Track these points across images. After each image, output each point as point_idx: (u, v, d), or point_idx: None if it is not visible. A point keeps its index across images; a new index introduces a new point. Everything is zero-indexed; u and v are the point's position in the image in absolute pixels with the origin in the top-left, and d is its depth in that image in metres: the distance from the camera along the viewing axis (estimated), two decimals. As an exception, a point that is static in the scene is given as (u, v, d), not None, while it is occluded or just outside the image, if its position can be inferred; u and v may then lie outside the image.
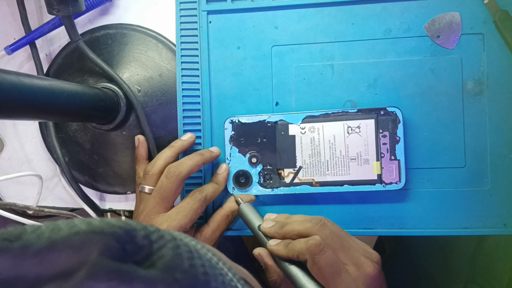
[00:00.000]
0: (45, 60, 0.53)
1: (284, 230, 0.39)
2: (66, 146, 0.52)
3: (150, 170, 0.44)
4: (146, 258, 0.17)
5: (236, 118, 0.46)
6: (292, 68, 0.47)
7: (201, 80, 0.48)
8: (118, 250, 0.17)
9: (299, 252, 0.36)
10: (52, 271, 0.16)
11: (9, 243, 0.17)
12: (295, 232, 0.38)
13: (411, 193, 0.46)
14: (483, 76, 0.45)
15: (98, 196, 0.54)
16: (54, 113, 0.39)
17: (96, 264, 0.16)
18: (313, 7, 0.47)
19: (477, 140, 0.45)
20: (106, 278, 0.15)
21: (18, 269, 0.16)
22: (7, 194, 0.55)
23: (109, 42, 0.50)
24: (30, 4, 0.52)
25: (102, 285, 0.15)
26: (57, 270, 0.16)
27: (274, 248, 0.38)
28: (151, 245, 0.18)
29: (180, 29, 0.48)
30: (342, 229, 0.39)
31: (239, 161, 0.46)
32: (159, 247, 0.18)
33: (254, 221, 0.43)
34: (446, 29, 0.45)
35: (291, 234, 0.38)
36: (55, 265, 0.16)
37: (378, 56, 0.46)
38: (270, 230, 0.40)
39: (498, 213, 0.45)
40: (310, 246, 0.35)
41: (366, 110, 0.44)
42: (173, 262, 0.17)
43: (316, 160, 0.45)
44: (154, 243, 0.18)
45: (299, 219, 0.40)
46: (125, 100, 0.47)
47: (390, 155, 0.44)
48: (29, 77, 0.34)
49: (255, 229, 0.42)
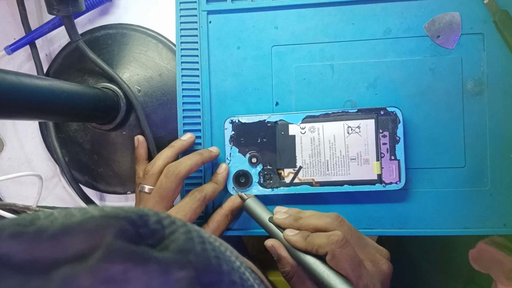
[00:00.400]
0: (45, 60, 0.53)
1: (300, 223, 0.39)
2: (66, 146, 0.52)
3: (150, 170, 0.44)
4: (159, 241, 0.18)
5: (236, 118, 0.46)
6: (292, 68, 0.47)
7: (201, 80, 0.48)
8: (133, 234, 0.17)
9: (319, 245, 0.36)
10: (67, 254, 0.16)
11: (23, 227, 0.17)
12: (312, 226, 0.38)
13: (411, 193, 0.46)
14: (483, 76, 0.45)
15: (98, 196, 0.54)
16: (54, 113, 0.39)
17: (111, 246, 0.16)
18: (313, 7, 0.47)
19: (477, 140, 0.45)
20: (121, 260, 0.15)
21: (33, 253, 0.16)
22: (7, 194, 0.55)
23: (109, 42, 0.50)
24: (30, 4, 0.52)
25: (118, 266, 0.15)
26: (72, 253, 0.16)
27: (292, 238, 0.38)
28: (163, 229, 0.18)
29: (180, 29, 0.48)
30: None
31: (239, 161, 0.46)
32: (171, 232, 0.18)
33: (263, 214, 0.42)
34: (446, 29, 0.45)
35: (307, 227, 0.38)
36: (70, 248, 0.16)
37: (378, 56, 0.46)
38: (285, 221, 0.40)
39: (498, 213, 0.45)
40: (332, 241, 0.35)
41: (366, 110, 0.44)
42: (185, 245, 0.17)
43: (316, 160, 0.45)
44: (166, 228, 0.18)
45: (314, 214, 0.39)
46: (125, 100, 0.47)
47: (390, 155, 0.44)
48: (29, 77, 0.34)
49: (265, 222, 0.41)
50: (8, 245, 0.16)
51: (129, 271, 0.15)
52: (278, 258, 0.39)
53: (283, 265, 0.39)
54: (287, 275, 0.38)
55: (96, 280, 0.15)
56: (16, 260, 0.16)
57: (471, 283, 0.54)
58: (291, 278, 0.38)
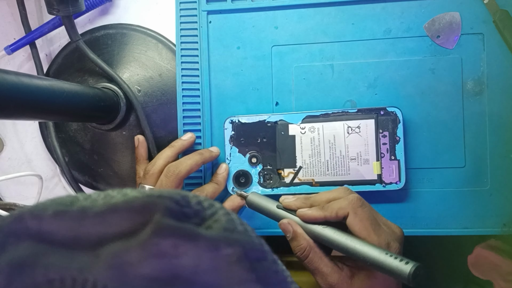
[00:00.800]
0: (45, 60, 0.53)
1: (311, 201, 0.39)
2: (66, 146, 0.52)
3: (150, 170, 0.44)
4: (203, 221, 0.18)
5: (236, 118, 0.46)
6: (292, 68, 0.47)
7: (201, 80, 0.48)
8: (179, 212, 0.17)
9: (339, 208, 0.37)
10: (115, 230, 0.16)
11: (65, 207, 0.17)
12: (325, 199, 0.38)
13: (411, 193, 0.46)
14: (483, 76, 0.45)
15: (98, 196, 0.54)
16: (54, 113, 0.39)
17: (161, 223, 0.16)
18: (313, 7, 0.47)
19: (477, 140, 0.45)
20: (172, 236, 0.16)
21: (78, 230, 0.16)
22: (7, 194, 0.55)
23: (109, 42, 0.50)
24: (30, 4, 0.52)
25: (168, 241, 0.15)
26: (121, 229, 0.16)
27: (308, 212, 0.38)
28: (205, 210, 0.19)
29: (180, 29, 0.48)
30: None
31: (239, 161, 0.46)
32: (212, 213, 0.19)
33: (269, 204, 0.41)
34: (446, 29, 0.45)
35: (320, 202, 0.39)
36: (118, 225, 0.16)
37: (378, 56, 0.46)
38: (296, 203, 0.40)
39: (498, 213, 0.45)
40: (352, 201, 0.36)
41: (366, 110, 0.44)
42: (229, 225, 0.18)
43: (316, 160, 0.45)
44: (207, 209, 0.19)
45: (322, 192, 0.40)
46: (125, 100, 0.47)
47: (390, 155, 0.44)
48: (29, 77, 0.34)
49: (273, 210, 0.41)
50: (52, 223, 0.16)
51: (179, 246, 0.15)
52: (294, 235, 0.39)
53: (299, 241, 0.38)
54: (303, 252, 0.38)
55: (147, 254, 0.15)
56: (61, 237, 0.16)
57: (471, 283, 0.54)
58: (307, 255, 0.38)
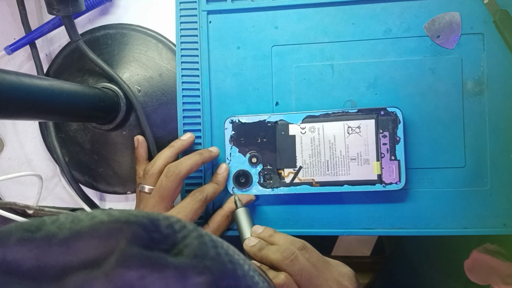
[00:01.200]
0: (45, 60, 0.53)
1: (261, 255, 0.39)
2: (66, 146, 0.52)
3: (150, 170, 0.44)
4: (172, 246, 0.17)
5: (236, 118, 0.46)
6: (292, 68, 0.47)
7: (201, 80, 0.48)
8: (146, 239, 0.17)
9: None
10: (80, 260, 0.15)
11: (30, 233, 0.16)
12: (269, 260, 0.38)
13: (411, 193, 0.46)
14: (483, 76, 0.45)
15: (98, 196, 0.54)
16: (54, 113, 0.39)
17: (126, 251, 0.15)
18: (313, 7, 0.47)
19: (477, 140, 0.45)
20: (137, 266, 0.15)
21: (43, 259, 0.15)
22: (7, 194, 0.55)
23: (109, 42, 0.50)
24: (30, 4, 0.52)
25: (134, 272, 0.15)
26: (85, 258, 0.15)
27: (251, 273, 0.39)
28: (175, 234, 0.18)
29: (180, 29, 0.48)
30: (319, 258, 0.38)
31: (239, 161, 0.46)
32: (183, 236, 0.18)
33: (244, 230, 0.43)
34: (446, 29, 0.45)
35: (265, 261, 0.39)
36: (82, 254, 0.16)
37: (378, 56, 0.46)
38: (250, 250, 0.41)
39: (498, 213, 0.45)
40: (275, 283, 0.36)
41: (366, 110, 0.44)
42: (200, 250, 0.17)
43: (316, 160, 0.45)
44: (178, 232, 0.18)
45: (280, 241, 0.40)
46: (125, 100, 0.47)
47: (390, 155, 0.44)
48: (29, 77, 0.34)
49: (242, 239, 0.43)
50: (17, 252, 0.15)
51: (145, 278, 0.15)
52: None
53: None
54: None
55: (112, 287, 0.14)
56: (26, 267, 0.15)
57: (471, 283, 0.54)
58: None
